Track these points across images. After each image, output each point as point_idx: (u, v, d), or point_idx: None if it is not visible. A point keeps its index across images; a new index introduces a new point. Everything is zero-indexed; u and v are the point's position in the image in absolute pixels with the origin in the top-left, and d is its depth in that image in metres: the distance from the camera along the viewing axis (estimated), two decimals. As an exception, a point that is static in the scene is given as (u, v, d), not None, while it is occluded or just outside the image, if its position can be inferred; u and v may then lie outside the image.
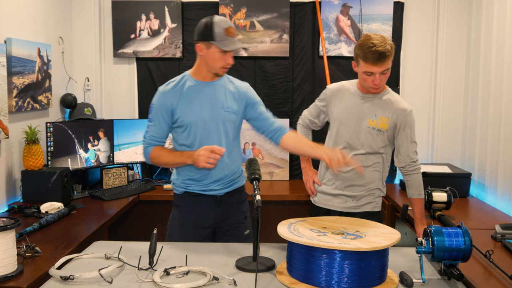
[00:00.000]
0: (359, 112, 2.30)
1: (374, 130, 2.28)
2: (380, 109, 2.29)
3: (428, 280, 1.66)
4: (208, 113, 2.17)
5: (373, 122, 2.28)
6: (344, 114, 2.33)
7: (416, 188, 2.33)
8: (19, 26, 2.92)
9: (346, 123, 2.32)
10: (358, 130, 2.30)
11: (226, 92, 2.23)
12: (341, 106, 2.35)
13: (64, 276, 1.63)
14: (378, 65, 2.14)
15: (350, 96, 2.34)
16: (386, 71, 2.18)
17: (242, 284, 1.63)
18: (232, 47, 2.11)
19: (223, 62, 2.13)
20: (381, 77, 2.18)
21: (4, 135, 2.70)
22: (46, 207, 2.64)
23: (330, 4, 3.71)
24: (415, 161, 2.32)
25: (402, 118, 2.27)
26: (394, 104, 2.29)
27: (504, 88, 2.98)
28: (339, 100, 2.36)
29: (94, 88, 3.81)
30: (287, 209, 3.42)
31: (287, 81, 3.81)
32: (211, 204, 2.22)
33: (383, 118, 2.28)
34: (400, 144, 2.31)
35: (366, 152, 2.30)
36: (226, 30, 2.09)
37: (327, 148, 2.27)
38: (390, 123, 2.28)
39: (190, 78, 2.21)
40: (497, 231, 2.24)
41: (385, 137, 2.29)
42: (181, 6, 3.74)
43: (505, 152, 2.96)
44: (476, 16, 3.49)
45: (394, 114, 2.28)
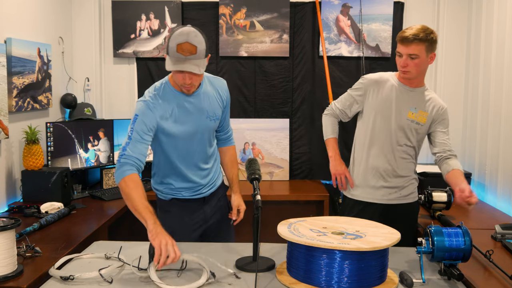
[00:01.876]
0: (399, 103, 2.33)
1: (413, 123, 2.32)
2: (420, 103, 2.33)
3: (428, 280, 1.66)
4: (194, 125, 2.07)
5: (412, 115, 2.32)
6: (383, 105, 2.34)
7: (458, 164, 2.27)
8: (19, 26, 2.92)
9: (384, 113, 2.34)
10: (397, 121, 2.32)
11: (210, 98, 2.12)
12: (379, 96, 2.36)
13: (64, 276, 1.63)
14: (404, 45, 2.22)
15: (389, 87, 2.36)
16: (414, 56, 2.21)
17: (242, 284, 1.63)
18: (176, 67, 1.85)
19: (179, 80, 1.93)
20: (408, 61, 2.23)
21: (4, 135, 2.70)
22: (46, 207, 2.64)
23: (330, 4, 3.71)
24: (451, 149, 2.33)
25: (440, 114, 2.34)
26: (433, 100, 2.36)
27: (504, 88, 2.98)
28: (377, 90, 2.37)
29: (94, 88, 3.81)
30: (287, 209, 3.42)
31: (287, 81, 3.81)
32: (200, 205, 2.22)
33: (423, 112, 2.32)
34: (435, 136, 2.35)
35: (404, 144, 2.34)
36: (178, 46, 1.83)
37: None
38: (429, 118, 2.33)
39: (171, 89, 2.04)
40: (497, 231, 2.24)
41: (422, 130, 2.34)
42: (181, 6, 3.73)
43: (505, 152, 2.96)
44: (476, 16, 3.49)
45: (433, 110, 2.33)
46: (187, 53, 1.83)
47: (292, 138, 3.82)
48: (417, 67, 2.25)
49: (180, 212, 2.20)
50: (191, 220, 2.21)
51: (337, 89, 3.66)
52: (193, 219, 2.21)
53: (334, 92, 3.59)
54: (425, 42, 2.20)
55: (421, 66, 2.26)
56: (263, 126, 3.76)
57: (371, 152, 2.38)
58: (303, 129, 3.84)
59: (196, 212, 2.22)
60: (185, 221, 2.21)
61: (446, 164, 2.27)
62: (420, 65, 2.25)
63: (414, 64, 2.24)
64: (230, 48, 3.72)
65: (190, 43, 1.84)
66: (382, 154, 2.36)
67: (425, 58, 2.24)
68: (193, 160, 2.14)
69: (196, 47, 1.85)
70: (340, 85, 3.69)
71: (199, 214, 2.22)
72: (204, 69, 1.93)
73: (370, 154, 2.39)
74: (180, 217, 2.20)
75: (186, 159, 2.12)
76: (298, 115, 3.83)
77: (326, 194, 3.36)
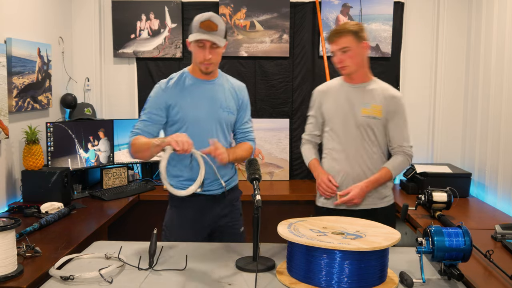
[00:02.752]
0: (351, 103, 2.33)
1: (370, 119, 2.30)
2: (370, 97, 2.32)
3: (428, 280, 1.66)
4: (205, 111, 2.15)
5: (366, 111, 2.30)
6: (337, 109, 2.35)
7: (391, 162, 2.32)
8: (19, 26, 2.92)
9: (341, 117, 2.34)
10: (355, 121, 2.31)
11: (225, 91, 2.23)
12: (331, 103, 2.39)
13: (64, 276, 1.63)
14: (333, 43, 2.28)
15: (337, 91, 2.39)
16: (345, 49, 2.25)
17: (242, 284, 1.63)
18: (198, 37, 2.03)
19: (200, 57, 2.09)
20: (341, 56, 2.27)
21: (4, 135, 2.70)
22: (46, 207, 2.64)
23: (330, 4, 3.71)
24: (403, 145, 2.32)
25: (392, 104, 2.31)
26: (383, 91, 2.33)
27: (504, 88, 2.98)
28: (328, 98, 2.41)
29: (94, 88, 3.81)
30: (287, 209, 3.42)
31: (287, 81, 3.81)
32: (209, 203, 2.22)
33: (376, 106, 2.31)
34: (390, 130, 2.33)
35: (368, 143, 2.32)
36: (201, 23, 2.05)
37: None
38: (384, 109, 2.30)
39: (189, 75, 2.20)
40: (497, 231, 2.24)
41: (382, 125, 2.31)
42: (181, 6, 3.73)
43: (505, 152, 2.96)
44: (476, 16, 3.49)
45: (384, 101, 2.31)
46: (208, 29, 2.04)
47: (292, 138, 3.82)
48: (352, 59, 2.27)
49: (188, 208, 2.21)
50: (199, 217, 2.22)
51: (337, 89, 3.66)
52: (201, 216, 2.22)
53: (334, 92, 3.60)
54: (351, 33, 2.24)
55: (356, 57, 2.27)
56: (263, 126, 3.76)
57: (338, 158, 2.36)
58: (303, 129, 3.79)
59: (204, 210, 2.22)
60: (193, 218, 2.22)
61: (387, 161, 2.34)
62: (354, 56, 2.27)
63: (348, 57, 2.26)
64: (230, 48, 3.72)
65: (212, 21, 2.06)
66: (349, 159, 2.33)
67: (357, 49, 2.26)
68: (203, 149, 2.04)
69: (217, 25, 2.06)
70: (340, 85, 3.69)
71: (208, 212, 2.22)
72: (223, 46, 2.10)
73: (337, 160, 2.36)
74: (189, 213, 2.21)
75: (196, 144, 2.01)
76: (298, 115, 3.83)
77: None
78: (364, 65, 2.35)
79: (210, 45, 2.06)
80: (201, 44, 2.07)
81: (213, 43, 2.05)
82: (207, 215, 2.23)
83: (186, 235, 2.18)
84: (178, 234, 2.20)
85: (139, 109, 3.85)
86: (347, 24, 2.30)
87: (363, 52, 2.30)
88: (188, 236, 2.17)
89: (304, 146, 2.54)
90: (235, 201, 2.32)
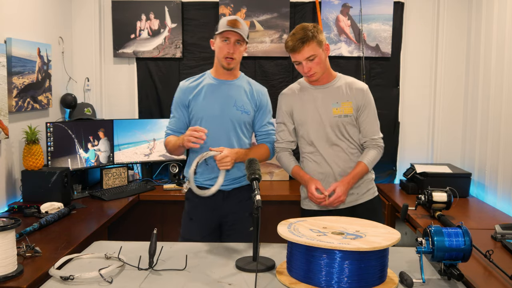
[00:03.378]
0: (320, 105, 2.29)
1: (341, 117, 2.27)
2: (338, 95, 2.29)
3: (428, 280, 1.66)
4: (217, 109, 2.26)
5: (337, 110, 2.27)
6: (308, 113, 2.31)
7: (366, 156, 2.29)
8: (19, 26, 2.92)
9: (313, 120, 2.30)
10: (328, 122, 2.28)
11: (242, 92, 2.33)
12: (298, 107, 2.33)
13: (64, 276, 1.63)
14: (297, 53, 2.19)
15: (303, 95, 2.33)
16: (312, 57, 2.19)
17: (242, 284, 1.63)
18: (226, 28, 2.19)
19: (224, 51, 2.23)
20: (309, 65, 2.20)
21: (4, 135, 2.70)
22: (46, 207, 2.64)
23: (330, 4, 3.71)
24: (375, 138, 2.31)
25: (361, 97, 2.29)
26: (350, 86, 2.31)
27: (504, 88, 2.98)
28: (295, 104, 2.35)
29: (94, 88, 3.81)
30: (287, 209, 3.41)
31: (287, 81, 3.81)
32: (219, 198, 2.27)
33: (345, 103, 2.28)
34: (361, 123, 2.31)
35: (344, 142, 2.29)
36: (228, 21, 2.22)
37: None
38: (354, 105, 2.28)
39: (210, 76, 2.35)
40: (497, 231, 2.24)
41: (353, 120, 2.29)
42: (181, 6, 3.73)
43: (505, 152, 2.96)
44: (476, 16, 3.49)
45: (353, 96, 2.28)
46: (235, 26, 2.21)
47: (292, 138, 3.82)
48: (319, 64, 2.22)
49: (198, 201, 2.28)
50: (207, 210, 2.30)
51: (337, 89, 3.66)
52: (209, 210, 2.30)
53: (334, 92, 3.60)
54: (313, 39, 2.18)
55: (322, 62, 2.23)
56: (263, 126, 3.76)
57: (317, 161, 2.32)
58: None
59: (213, 205, 2.29)
60: (201, 211, 2.31)
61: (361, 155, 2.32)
62: (321, 62, 2.23)
63: (316, 64, 2.21)
64: (230, 48, 3.72)
65: (238, 21, 2.23)
66: (328, 160, 2.30)
67: (322, 53, 2.22)
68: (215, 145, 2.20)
69: (242, 25, 2.25)
70: (340, 85, 3.69)
71: (217, 206, 2.30)
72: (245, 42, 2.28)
73: (317, 162, 2.33)
74: (198, 206, 2.31)
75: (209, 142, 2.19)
76: (298, 115, 3.83)
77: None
78: (327, 66, 2.31)
79: (234, 41, 2.22)
80: (227, 39, 2.22)
81: (237, 40, 2.23)
82: (218, 208, 2.30)
83: (195, 227, 2.31)
84: (189, 226, 2.33)
85: (139, 109, 3.85)
86: (305, 31, 2.18)
87: (326, 54, 2.27)
88: (197, 228, 2.31)
89: (280, 154, 2.42)
90: (245, 200, 2.34)
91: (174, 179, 3.62)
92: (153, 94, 3.83)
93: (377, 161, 2.35)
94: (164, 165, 3.78)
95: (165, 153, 3.69)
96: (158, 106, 3.83)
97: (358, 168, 2.28)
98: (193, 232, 2.30)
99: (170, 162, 3.69)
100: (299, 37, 2.17)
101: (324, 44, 2.24)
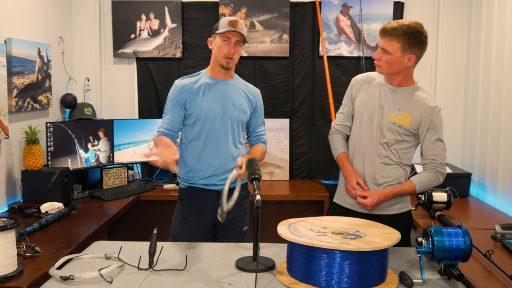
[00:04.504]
0: (382, 104, 2.17)
1: (395, 126, 2.14)
2: (405, 104, 2.14)
3: (428, 280, 1.66)
4: (218, 108, 2.27)
5: (395, 117, 2.14)
6: (368, 105, 2.20)
7: (418, 175, 2.17)
8: (19, 26, 2.92)
9: (368, 115, 2.20)
10: (379, 123, 2.17)
11: (239, 92, 2.35)
12: (365, 96, 2.23)
13: (64, 276, 1.63)
14: (380, 36, 2.13)
15: (375, 86, 2.22)
16: (386, 51, 2.07)
17: (242, 284, 1.63)
18: (228, 28, 2.20)
19: (224, 51, 2.24)
20: (381, 54, 2.10)
21: (4, 135, 2.70)
22: (46, 207, 2.64)
23: (330, 4, 3.71)
24: (434, 161, 2.14)
25: (427, 117, 2.12)
26: (420, 101, 2.14)
27: (504, 88, 2.98)
28: (364, 90, 2.24)
29: (94, 88, 3.81)
30: (287, 209, 3.42)
31: (287, 81, 3.81)
32: (213, 198, 2.26)
33: (407, 114, 2.13)
34: (424, 144, 2.16)
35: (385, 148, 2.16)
36: (229, 21, 2.23)
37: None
38: (414, 121, 2.13)
39: (206, 75, 2.34)
40: (497, 231, 2.24)
41: (406, 135, 2.15)
42: (181, 6, 3.73)
43: (505, 152, 2.96)
44: (476, 16, 3.49)
45: (419, 112, 2.12)
46: (236, 27, 2.22)
47: (292, 138, 3.82)
48: (388, 64, 2.09)
49: (192, 201, 2.30)
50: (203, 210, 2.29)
51: (337, 89, 3.66)
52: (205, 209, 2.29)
53: (334, 92, 3.60)
54: (400, 40, 2.04)
55: (394, 65, 2.08)
56: (263, 126, 3.76)
57: (354, 156, 2.25)
58: (303, 129, 3.84)
59: (209, 203, 2.27)
60: (195, 211, 2.30)
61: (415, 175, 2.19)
62: (392, 63, 2.08)
63: (385, 60, 2.09)
64: (230, 48, 3.72)
65: (238, 22, 2.25)
66: (363, 159, 2.21)
67: (399, 58, 2.07)
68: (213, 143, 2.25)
69: (242, 26, 2.26)
70: (340, 85, 3.69)
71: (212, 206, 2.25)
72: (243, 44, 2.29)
73: (353, 158, 2.26)
74: (192, 206, 2.31)
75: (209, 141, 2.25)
76: (298, 115, 3.83)
77: (326, 194, 3.36)
78: (403, 73, 2.14)
79: (235, 41, 2.24)
80: (227, 39, 2.23)
81: (237, 41, 2.24)
82: (212, 208, 2.26)
83: (189, 227, 2.29)
84: (182, 226, 2.31)
85: (139, 109, 3.85)
86: (407, 29, 2.03)
87: (405, 62, 2.08)
88: (191, 228, 2.28)
89: (332, 136, 2.37)
90: (241, 199, 2.34)
91: (174, 179, 3.62)
92: (153, 94, 3.83)
93: (431, 186, 2.21)
94: (164, 165, 3.78)
95: (165, 153, 3.69)
96: (158, 106, 3.83)
97: (405, 185, 2.16)
98: (186, 232, 2.29)
99: (170, 162, 3.68)
100: (394, 26, 2.05)
101: (411, 54, 2.06)
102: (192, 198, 2.31)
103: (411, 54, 2.07)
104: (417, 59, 2.11)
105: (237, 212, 2.34)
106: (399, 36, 2.04)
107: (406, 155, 2.20)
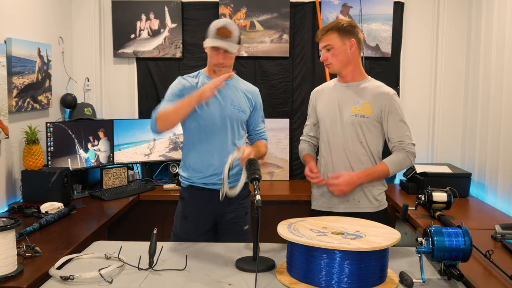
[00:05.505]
0: (341, 102, 2.29)
1: (358, 117, 2.23)
2: (361, 95, 2.26)
3: (428, 280, 1.66)
4: (217, 108, 2.27)
5: (355, 109, 2.24)
6: (328, 109, 2.33)
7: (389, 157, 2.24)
8: (19, 26, 2.92)
9: (331, 117, 2.31)
10: (343, 120, 2.26)
11: (238, 91, 2.36)
12: (324, 102, 2.37)
13: (64, 276, 1.63)
14: (318, 41, 2.28)
15: (331, 90, 2.37)
16: (328, 47, 2.24)
17: (242, 284, 1.63)
18: (213, 43, 2.19)
19: (214, 59, 2.26)
20: (325, 54, 2.26)
21: (4, 135, 2.70)
22: (46, 207, 2.64)
23: (330, 4, 3.71)
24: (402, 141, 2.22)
25: (385, 101, 2.23)
26: (375, 89, 2.27)
27: (504, 88, 2.98)
28: (321, 98, 2.40)
29: (94, 88, 3.81)
30: (287, 209, 3.42)
31: (287, 81, 3.81)
32: (213, 198, 2.26)
33: (366, 104, 2.24)
34: (389, 129, 2.25)
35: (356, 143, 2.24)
36: (218, 29, 2.20)
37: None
38: (374, 108, 2.23)
39: (204, 75, 2.36)
40: (497, 231, 2.24)
41: (371, 124, 2.23)
42: (181, 6, 3.73)
43: (505, 152, 2.96)
44: (476, 16, 3.49)
45: (377, 99, 2.24)
46: (223, 36, 2.19)
47: (292, 138, 3.82)
48: (336, 57, 2.23)
49: (193, 200, 2.31)
50: (204, 208, 2.30)
51: (337, 89, 3.66)
52: (206, 208, 2.30)
53: (334, 92, 3.60)
54: (335, 31, 2.22)
55: (340, 55, 2.23)
56: (263, 126, 3.76)
57: (326, 159, 2.33)
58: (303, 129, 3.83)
59: (210, 202, 2.29)
60: (196, 210, 2.31)
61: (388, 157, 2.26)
62: (338, 54, 2.23)
63: (332, 55, 2.24)
64: (230, 48, 3.72)
65: (227, 28, 2.21)
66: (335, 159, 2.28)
67: (342, 46, 2.22)
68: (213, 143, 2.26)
69: (231, 32, 2.22)
70: (340, 85, 3.69)
71: (213, 205, 2.28)
72: (235, 51, 2.25)
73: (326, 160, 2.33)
74: (192, 205, 2.32)
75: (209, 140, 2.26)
76: (298, 115, 3.83)
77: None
78: (351, 63, 2.27)
79: (223, 51, 2.22)
80: (216, 50, 2.23)
81: (227, 49, 2.21)
82: (212, 207, 2.30)
83: (189, 226, 2.30)
84: (183, 224, 2.32)
85: (139, 109, 3.85)
86: (334, 22, 2.26)
87: (348, 50, 2.23)
88: (191, 227, 2.30)
89: (299, 146, 2.55)
90: (241, 199, 2.36)
91: (174, 179, 3.62)
92: (153, 94, 3.83)
93: (404, 167, 2.27)
94: (164, 165, 3.78)
95: (165, 153, 3.70)
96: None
97: (377, 166, 2.24)
98: (188, 231, 2.30)
99: (170, 162, 3.69)
100: (323, 27, 2.26)
101: (350, 39, 2.23)
102: (192, 197, 2.32)
103: (350, 38, 2.24)
104: (358, 45, 2.26)
105: (238, 212, 2.35)
106: (332, 28, 2.23)
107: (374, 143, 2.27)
